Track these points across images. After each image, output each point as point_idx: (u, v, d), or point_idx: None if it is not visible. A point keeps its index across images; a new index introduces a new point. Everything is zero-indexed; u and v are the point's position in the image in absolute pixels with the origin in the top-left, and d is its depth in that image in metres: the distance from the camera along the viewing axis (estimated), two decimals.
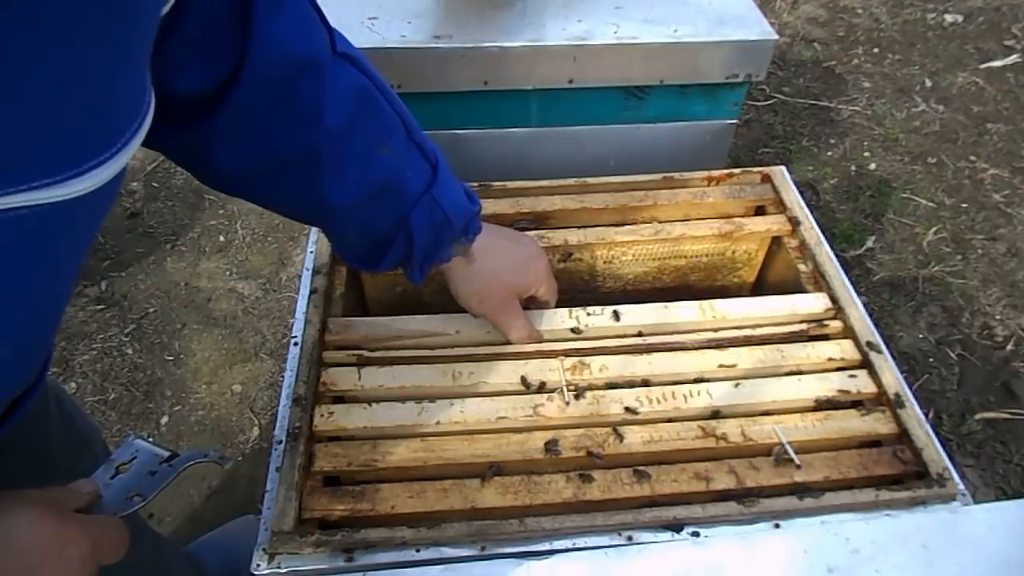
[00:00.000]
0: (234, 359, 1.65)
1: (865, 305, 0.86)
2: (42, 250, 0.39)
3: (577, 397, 0.76)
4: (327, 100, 0.58)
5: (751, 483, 0.70)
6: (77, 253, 0.45)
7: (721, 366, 0.80)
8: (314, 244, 0.92)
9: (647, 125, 1.10)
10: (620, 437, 0.73)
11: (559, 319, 0.84)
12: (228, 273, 1.84)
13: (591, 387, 0.78)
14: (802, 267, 0.92)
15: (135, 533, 0.99)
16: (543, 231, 0.94)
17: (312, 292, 0.86)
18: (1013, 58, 2.46)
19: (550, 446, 0.72)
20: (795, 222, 0.96)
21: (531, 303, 0.84)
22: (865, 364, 0.80)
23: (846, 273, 0.89)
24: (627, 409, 0.76)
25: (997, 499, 1.41)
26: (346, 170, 0.62)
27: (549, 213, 0.97)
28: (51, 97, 0.33)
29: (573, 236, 0.94)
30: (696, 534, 0.66)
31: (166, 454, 0.54)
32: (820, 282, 0.89)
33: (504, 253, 0.77)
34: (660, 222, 0.97)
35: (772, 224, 0.97)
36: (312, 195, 0.62)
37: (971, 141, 2.18)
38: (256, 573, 0.64)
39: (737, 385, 0.78)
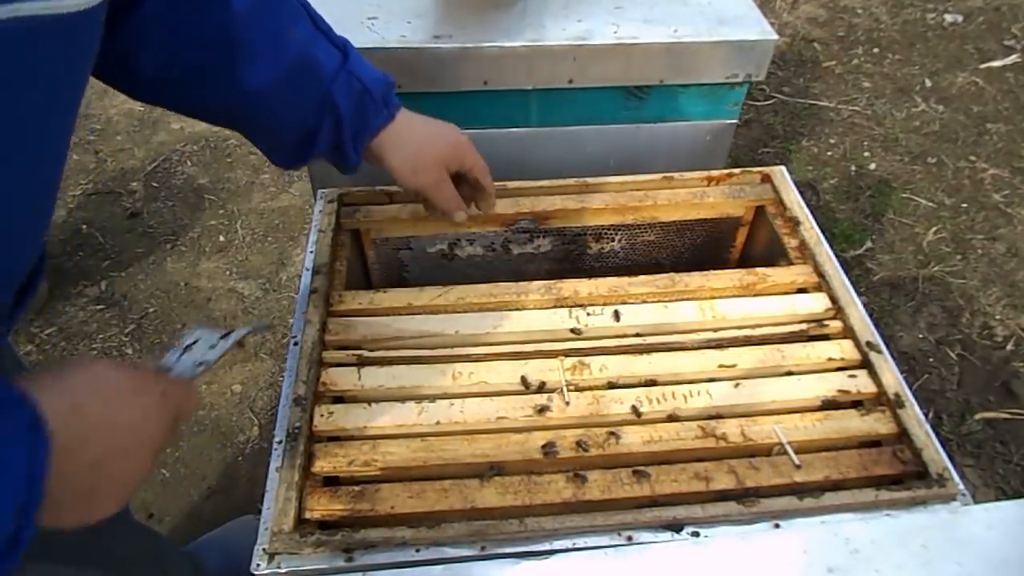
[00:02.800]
0: (234, 359, 1.65)
1: (865, 305, 0.86)
2: (33, 72, 0.42)
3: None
4: None
5: (751, 483, 0.70)
6: (68, 99, 0.49)
7: (721, 366, 0.80)
8: (314, 244, 0.92)
9: (647, 125, 1.10)
10: (620, 437, 0.73)
11: (559, 319, 0.84)
12: (228, 273, 1.84)
13: (591, 387, 0.78)
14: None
15: (129, 533, 0.99)
16: (553, 281, 0.89)
17: (312, 292, 0.86)
18: (1013, 58, 2.46)
19: (548, 448, 0.72)
20: (795, 222, 0.96)
21: (464, 184, 0.87)
22: (865, 364, 0.80)
23: (846, 273, 0.89)
24: (627, 409, 0.76)
25: (997, 499, 1.41)
26: (258, 53, 0.68)
27: (549, 213, 0.98)
28: None
29: (584, 288, 0.88)
30: (696, 534, 0.66)
31: (223, 331, 0.62)
32: (820, 282, 0.89)
33: (427, 125, 0.82)
34: (677, 272, 0.90)
35: (798, 276, 0.90)
36: (232, 85, 0.68)
37: (971, 141, 2.18)
38: (256, 573, 0.64)
39: (737, 385, 0.78)
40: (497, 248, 1.02)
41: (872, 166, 2.11)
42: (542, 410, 0.75)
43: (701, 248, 1.06)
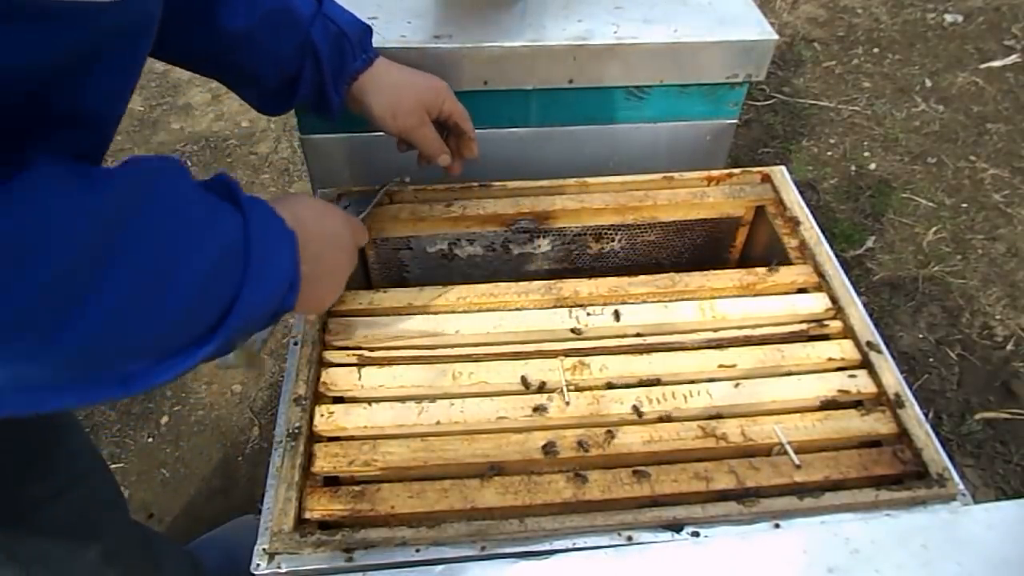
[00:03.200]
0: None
1: (865, 305, 0.86)
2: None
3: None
4: None
5: (751, 483, 0.70)
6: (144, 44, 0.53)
7: (721, 366, 0.80)
8: None
9: (647, 125, 1.09)
10: (619, 437, 0.73)
11: (559, 319, 0.84)
12: None
13: (591, 387, 0.78)
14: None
15: (121, 525, 0.99)
16: (553, 281, 0.89)
17: None
18: (1013, 58, 2.46)
19: (548, 448, 0.72)
20: (795, 222, 0.96)
21: (447, 129, 0.89)
22: (865, 364, 0.80)
23: (846, 273, 0.89)
24: (627, 409, 0.76)
25: (997, 499, 1.41)
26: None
27: (549, 213, 0.98)
28: None
29: (584, 288, 0.88)
30: (696, 534, 0.66)
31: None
32: (820, 282, 0.89)
33: (405, 71, 0.86)
34: (678, 272, 0.90)
35: (798, 276, 0.91)
36: (213, 28, 0.72)
37: (971, 141, 2.18)
38: (256, 573, 0.64)
39: (737, 385, 0.78)
40: (497, 248, 1.02)
41: (872, 166, 2.11)
42: (542, 410, 0.75)
43: (701, 248, 1.06)
